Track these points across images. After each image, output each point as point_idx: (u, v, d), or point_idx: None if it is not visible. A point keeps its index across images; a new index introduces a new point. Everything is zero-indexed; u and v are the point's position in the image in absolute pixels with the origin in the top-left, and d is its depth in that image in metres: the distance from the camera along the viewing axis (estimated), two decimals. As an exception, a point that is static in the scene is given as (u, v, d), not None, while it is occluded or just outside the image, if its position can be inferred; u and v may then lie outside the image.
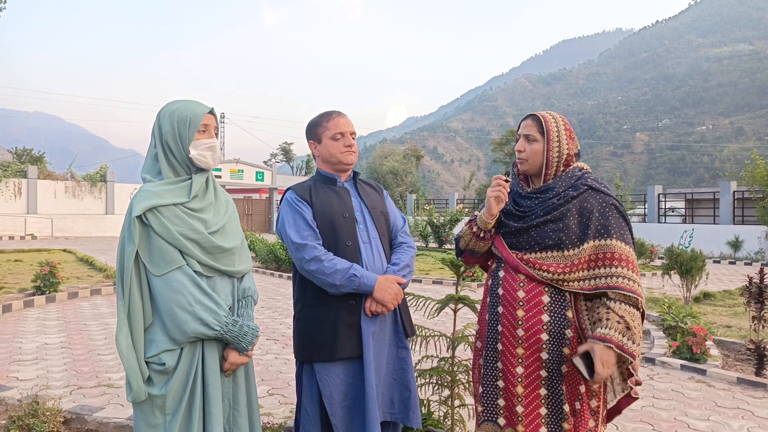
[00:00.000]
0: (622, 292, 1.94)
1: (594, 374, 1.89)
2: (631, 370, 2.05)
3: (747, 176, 17.32)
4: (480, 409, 2.16)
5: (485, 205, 2.14)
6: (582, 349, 1.95)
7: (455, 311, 3.01)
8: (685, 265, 7.91)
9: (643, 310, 1.99)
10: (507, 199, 2.12)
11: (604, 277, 1.97)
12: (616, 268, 1.95)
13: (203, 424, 1.94)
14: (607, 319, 1.94)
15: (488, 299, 2.19)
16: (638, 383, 2.09)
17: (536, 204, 2.10)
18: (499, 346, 2.11)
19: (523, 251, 2.09)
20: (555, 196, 2.07)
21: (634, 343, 1.92)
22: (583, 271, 2.00)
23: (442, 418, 3.11)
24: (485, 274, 2.34)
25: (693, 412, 3.87)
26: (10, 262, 12.94)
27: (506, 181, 2.11)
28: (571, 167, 2.13)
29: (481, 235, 2.17)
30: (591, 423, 2.01)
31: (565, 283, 2.01)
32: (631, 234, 2.06)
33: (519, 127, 2.21)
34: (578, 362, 1.93)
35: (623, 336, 1.91)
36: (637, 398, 2.13)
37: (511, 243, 2.13)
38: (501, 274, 2.14)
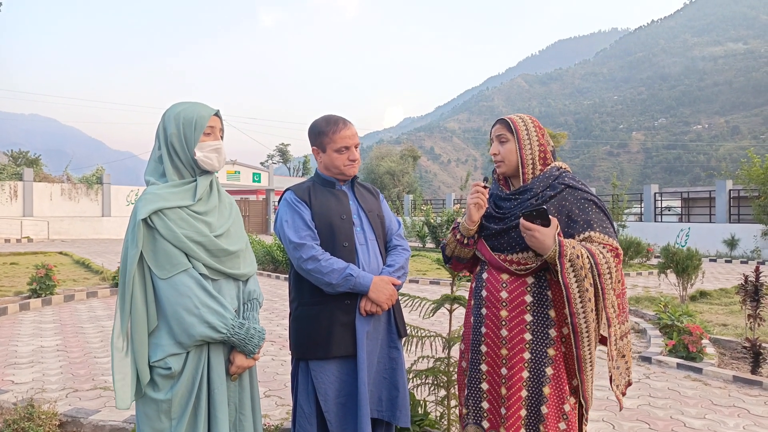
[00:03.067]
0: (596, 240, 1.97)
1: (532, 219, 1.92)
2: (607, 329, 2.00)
3: (743, 175, 17.36)
4: (464, 411, 2.18)
5: (466, 212, 2.17)
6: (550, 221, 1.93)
7: (451, 311, 3.01)
8: (681, 263, 7.93)
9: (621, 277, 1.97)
10: (486, 205, 2.15)
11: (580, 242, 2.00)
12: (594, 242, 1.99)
13: (209, 429, 1.93)
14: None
15: (473, 301, 2.22)
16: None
17: (515, 205, 2.13)
18: (483, 348, 2.14)
19: (505, 253, 2.12)
20: (533, 196, 2.10)
21: (577, 270, 1.89)
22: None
23: (438, 418, 3.12)
24: None
25: (689, 411, 3.88)
26: (6, 265, 12.90)
27: (485, 187, 2.14)
28: (549, 167, 2.15)
29: (465, 241, 2.21)
30: (562, 426, 2.00)
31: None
32: (613, 227, 2.08)
33: (490, 133, 2.25)
34: (532, 215, 1.92)
35: (574, 253, 1.90)
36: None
37: (493, 245, 2.16)
38: (484, 276, 2.18)
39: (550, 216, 1.92)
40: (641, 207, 22.30)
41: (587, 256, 1.91)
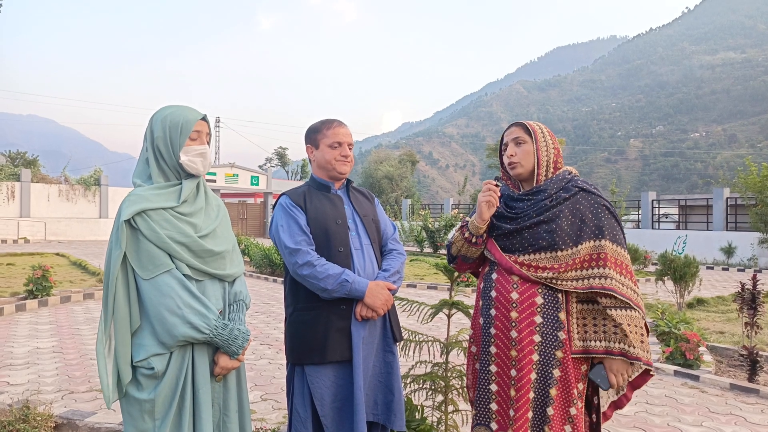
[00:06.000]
0: (616, 296, 1.99)
1: (609, 384, 2.02)
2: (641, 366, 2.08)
3: (740, 183, 17.41)
4: (474, 412, 2.18)
5: (477, 210, 2.17)
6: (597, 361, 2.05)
7: (449, 316, 3.01)
8: (678, 271, 7.94)
9: (643, 313, 2.04)
10: (498, 204, 2.16)
11: (597, 277, 2.01)
12: (608, 269, 2.01)
13: (193, 430, 1.93)
14: (615, 333, 2.00)
15: (481, 302, 2.21)
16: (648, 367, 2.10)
17: (528, 206, 2.14)
18: (493, 349, 2.14)
19: (516, 254, 2.12)
20: (547, 197, 2.11)
21: (638, 348, 1.98)
22: (576, 271, 2.04)
23: (435, 423, 3.11)
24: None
25: (686, 418, 3.88)
26: (3, 266, 12.86)
27: (496, 185, 2.16)
28: (561, 170, 2.19)
29: (473, 240, 2.20)
30: (567, 428, 2.03)
31: (560, 282, 2.04)
32: (623, 234, 2.10)
33: (503, 138, 2.26)
34: (595, 376, 2.05)
35: (628, 345, 1.97)
36: (628, 400, 2.19)
37: (503, 246, 2.16)
38: (494, 276, 2.17)
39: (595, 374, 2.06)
40: (639, 214, 22.33)
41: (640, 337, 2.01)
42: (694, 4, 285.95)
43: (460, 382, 3.00)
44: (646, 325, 2.05)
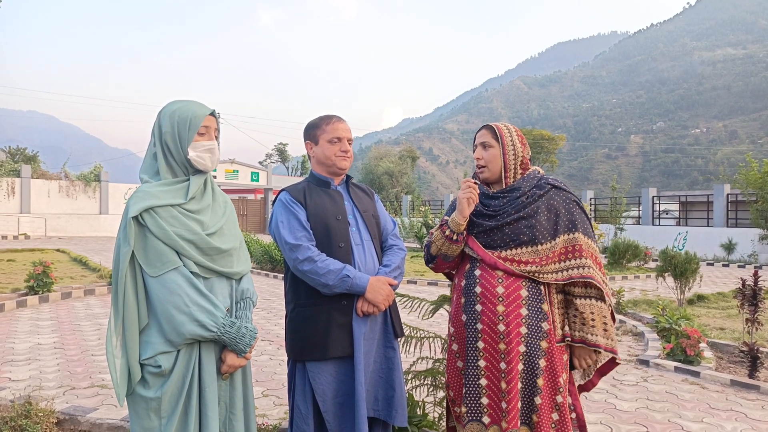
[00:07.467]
0: (594, 283, 2.11)
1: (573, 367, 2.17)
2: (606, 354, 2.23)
3: (741, 179, 17.40)
4: (464, 410, 2.20)
5: (457, 207, 2.23)
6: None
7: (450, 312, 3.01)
8: (679, 267, 7.94)
9: (610, 301, 2.17)
10: (477, 200, 2.22)
11: (575, 267, 2.12)
12: (585, 259, 2.12)
13: (199, 428, 1.92)
14: (573, 321, 2.15)
15: (463, 299, 2.24)
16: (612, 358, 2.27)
17: (505, 203, 2.21)
18: (480, 344, 2.17)
19: (498, 249, 2.18)
20: (522, 195, 2.20)
21: (598, 336, 2.11)
22: (556, 264, 2.14)
23: (437, 419, 3.12)
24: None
25: (687, 414, 3.88)
26: (3, 262, 12.87)
27: (475, 183, 2.22)
28: (530, 170, 2.28)
29: (454, 237, 2.24)
30: (555, 416, 2.09)
31: (542, 275, 2.13)
32: (591, 227, 2.22)
33: (474, 139, 2.33)
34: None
35: (587, 333, 2.11)
36: (619, 363, 2.31)
37: (484, 242, 2.22)
38: (477, 273, 2.22)
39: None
40: (639, 210, 22.33)
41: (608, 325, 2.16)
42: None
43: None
44: (612, 313, 2.17)
